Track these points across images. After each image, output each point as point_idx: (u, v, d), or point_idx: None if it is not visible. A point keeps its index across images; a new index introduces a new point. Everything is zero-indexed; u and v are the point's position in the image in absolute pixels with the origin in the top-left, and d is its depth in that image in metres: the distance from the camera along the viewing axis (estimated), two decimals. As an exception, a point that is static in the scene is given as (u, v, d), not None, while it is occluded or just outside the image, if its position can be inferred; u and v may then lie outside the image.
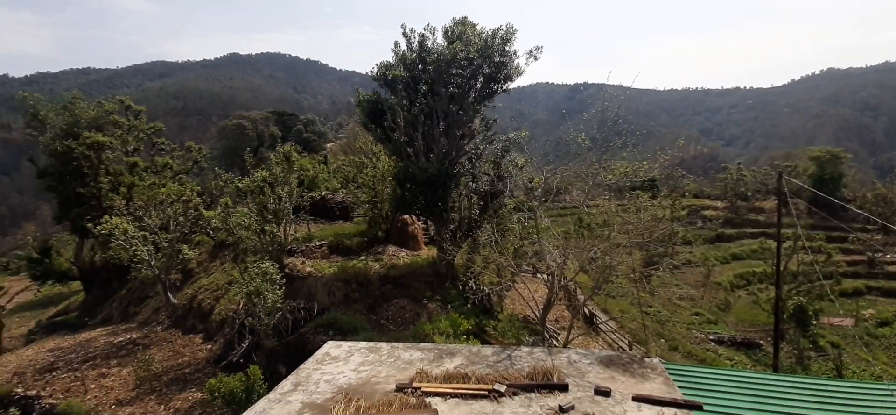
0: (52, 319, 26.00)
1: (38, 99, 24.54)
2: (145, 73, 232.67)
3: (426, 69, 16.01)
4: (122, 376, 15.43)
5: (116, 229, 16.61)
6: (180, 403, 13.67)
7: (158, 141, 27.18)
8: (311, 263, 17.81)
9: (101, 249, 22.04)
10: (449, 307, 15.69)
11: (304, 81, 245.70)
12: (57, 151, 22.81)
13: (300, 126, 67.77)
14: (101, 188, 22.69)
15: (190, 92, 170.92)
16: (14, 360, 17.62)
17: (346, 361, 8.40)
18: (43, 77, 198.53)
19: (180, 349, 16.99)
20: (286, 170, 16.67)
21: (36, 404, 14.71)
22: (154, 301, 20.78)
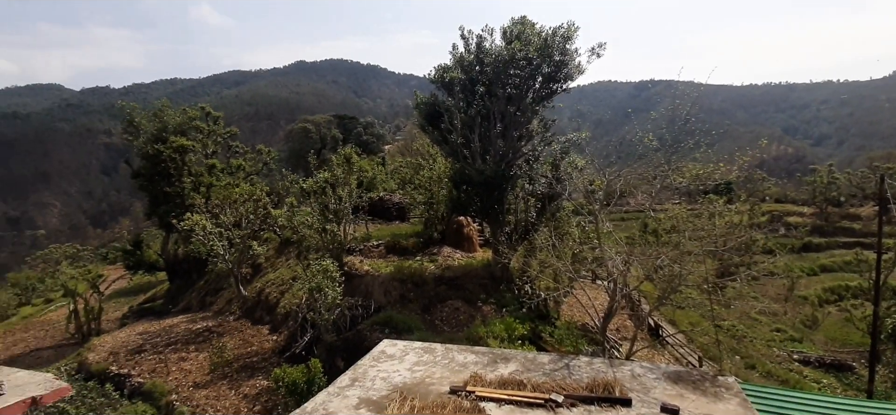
0: (142, 305, 28.78)
1: (133, 107, 27.44)
2: (223, 81, 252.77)
3: (483, 70, 15.91)
4: (199, 360, 16.72)
5: (196, 226, 18.05)
6: (248, 389, 14.57)
7: (233, 144, 29.36)
8: (368, 262, 18.30)
9: (184, 243, 24.09)
10: (504, 311, 15.44)
11: (365, 86, 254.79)
12: (148, 153, 25.34)
13: (360, 129, 70.25)
14: (184, 188, 24.90)
15: (261, 98, 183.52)
16: (110, 341, 19.69)
17: (401, 360, 8.48)
18: (138, 87, 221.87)
19: (249, 339, 18.13)
20: (346, 171, 17.27)
21: (127, 382, 16.33)
22: (227, 293, 22.35)
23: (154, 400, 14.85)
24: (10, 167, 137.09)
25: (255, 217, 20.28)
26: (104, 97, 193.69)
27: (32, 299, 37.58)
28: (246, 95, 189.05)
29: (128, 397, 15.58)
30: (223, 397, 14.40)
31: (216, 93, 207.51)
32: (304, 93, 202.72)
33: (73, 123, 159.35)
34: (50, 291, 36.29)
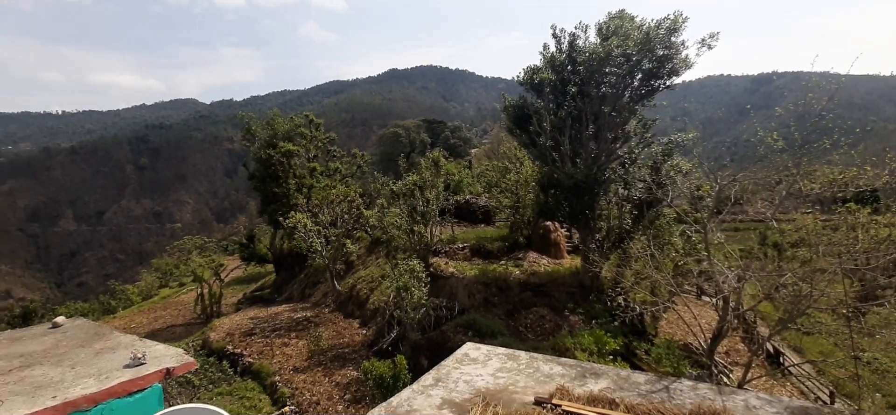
0: (253, 293, 32.12)
1: (250, 117, 30.96)
2: (324, 91, 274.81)
3: (576, 70, 15.21)
4: (299, 347, 18.16)
5: (299, 223, 19.69)
6: (340, 378, 15.48)
7: (332, 149, 31.72)
8: (453, 264, 18.47)
9: (288, 239, 26.46)
10: (593, 323, 14.58)
11: (453, 90, 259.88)
12: (261, 158, 28.35)
13: (447, 132, 71.70)
14: (289, 189, 27.43)
15: (357, 105, 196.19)
16: (227, 323, 22.23)
17: (485, 364, 8.33)
18: (255, 99, 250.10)
19: (342, 331, 19.29)
20: (434, 174, 17.63)
21: (239, 361, 18.30)
22: (323, 286, 24.04)
23: (260, 379, 16.42)
24: (156, 170, 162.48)
25: (349, 217, 21.57)
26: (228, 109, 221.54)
27: (170, 282, 43.96)
28: (343, 103, 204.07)
29: (240, 374, 17.49)
30: (318, 382, 15.44)
31: (318, 101, 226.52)
32: (395, 99, 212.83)
33: (204, 132, 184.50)
34: (183, 276, 42.16)
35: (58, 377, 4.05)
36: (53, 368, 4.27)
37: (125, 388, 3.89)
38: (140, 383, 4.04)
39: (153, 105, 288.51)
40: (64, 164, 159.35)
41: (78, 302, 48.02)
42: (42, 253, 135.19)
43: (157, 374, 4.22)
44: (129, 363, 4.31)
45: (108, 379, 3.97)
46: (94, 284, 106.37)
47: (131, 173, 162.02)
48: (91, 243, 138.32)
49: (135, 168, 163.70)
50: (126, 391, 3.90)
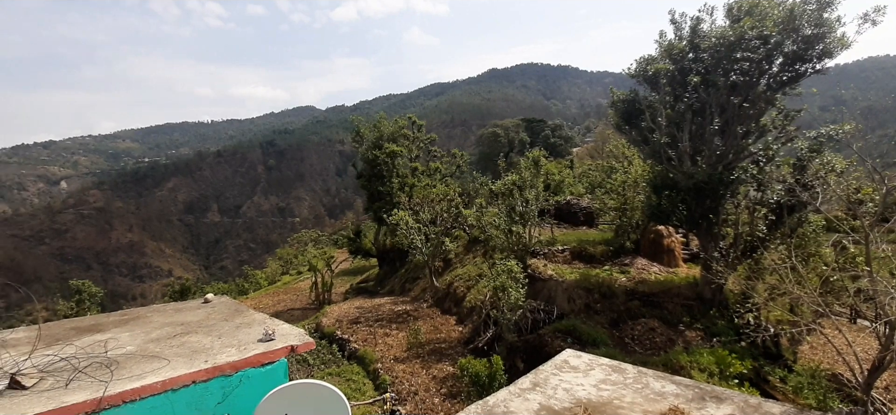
0: (358, 284, 34.49)
1: (360, 120, 33.40)
2: (426, 93, 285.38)
3: (699, 57, 13.66)
4: (399, 338, 19.03)
5: (401, 221, 20.63)
6: (437, 372, 15.87)
7: (433, 149, 32.84)
8: (552, 267, 17.86)
9: (391, 235, 27.93)
10: (714, 341, 13.01)
11: (555, 87, 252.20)
12: (368, 158, 30.37)
13: (548, 131, 69.70)
14: (393, 187, 28.98)
15: (456, 106, 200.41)
16: (337, 310, 24.15)
17: (586, 374, 7.86)
18: (363, 104, 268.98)
19: (439, 326, 19.78)
20: (534, 174, 17.21)
21: (346, 346, 19.79)
22: (422, 282, 24.88)
23: (365, 365, 17.52)
24: (281, 170, 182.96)
25: (448, 215, 22.03)
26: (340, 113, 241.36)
27: (290, 270, 49.21)
28: (444, 104, 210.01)
29: (347, 357, 18.89)
30: (416, 374, 16.00)
31: (420, 104, 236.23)
32: (494, 99, 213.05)
33: (320, 135, 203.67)
34: (300, 265, 46.86)
35: (209, 344, 4.62)
36: (205, 336, 4.89)
37: (259, 359, 4.32)
38: (270, 356, 4.45)
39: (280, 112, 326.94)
40: (212, 165, 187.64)
41: (219, 283, 56.23)
42: (194, 240, 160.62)
43: (283, 349, 4.62)
44: (261, 338, 4.78)
45: (245, 350, 4.44)
46: (231, 268, 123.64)
47: (261, 173, 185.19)
48: (230, 233, 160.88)
49: (264, 168, 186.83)
50: (259, 362, 4.32)
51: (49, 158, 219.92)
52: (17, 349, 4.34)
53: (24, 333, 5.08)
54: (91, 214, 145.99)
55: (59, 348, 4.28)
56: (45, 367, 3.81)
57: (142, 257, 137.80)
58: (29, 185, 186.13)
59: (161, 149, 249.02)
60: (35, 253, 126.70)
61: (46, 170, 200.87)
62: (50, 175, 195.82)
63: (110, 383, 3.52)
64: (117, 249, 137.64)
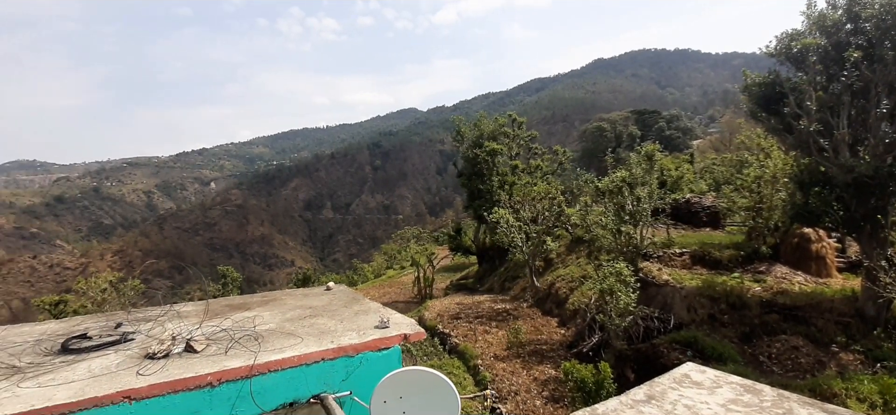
0: (458, 281, 35.15)
1: (461, 120, 34.01)
2: (526, 90, 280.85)
3: (859, 28, 11.41)
4: (499, 336, 18.99)
5: (501, 219, 20.55)
6: (538, 373, 15.52)
7: (533, 146, 32.14)
8: (668, 271, 16.33)
9: (491, 233, 27.99)
10: (878, 366, 10.81)
11: (670, 74, 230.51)
12: (468, 157, 30.78)
13: (662, 123, 63.92)
14: (492, 185, 28.99)
15: (558, 101, 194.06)
16: (438, 305, 24.91)
17: (712, 391, 7.00)
18: (463, 103, 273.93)
19: (539, 327, 19.32)
20: (646, 169, 15.88)
21: (447, 340, 20.32)
22: (522, 281, 24.53)
23: (465, 360, 17.80)
24: (386, 170, 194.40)
25: (550, 214, 21.40)
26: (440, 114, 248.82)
27: (394, 265, 52.02)
28: (544, 100, 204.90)
29: (448, 351, 19.40)
30: (516, 373, 15.82)
31: (520, 100, 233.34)
32: (599, 91, 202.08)
33: (421, 136, 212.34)
34: (403, 260, 49.24)
35: (333, 327, 5.02)
36: (329, 320, 5.32)
37: (376, 344, 4.58)
38: (386, 342, 4.69)
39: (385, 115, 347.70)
40: (326, 166, 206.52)
41: (332, 274, 61.60)
42: (312, 234, 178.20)
43: (397, 337, 4.84)
44: (378, 325, 5.06)
45: (365, 335, 4.73)
46: (342, 261, 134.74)
47: (368, 173, 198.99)
48: (342, 229, 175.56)
49: (371, 168, 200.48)
50: (377, 347, 4.58)
51: (202, 162, 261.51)
52: (188, 320, 5.17)
53: (193, 307, 6.05)
54: (233, 210, 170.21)
55: (219, 321, 5.02)
56: (210, 336, 4.49)
57: (271, 248, 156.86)
58: (188, 185, 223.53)
59: (286, 153, 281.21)
60: (192, 242, 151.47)
61: (200, 173, 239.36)
62: (203, 177, 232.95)
63: (259, 353, 4.01)
64: (252, 240, 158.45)
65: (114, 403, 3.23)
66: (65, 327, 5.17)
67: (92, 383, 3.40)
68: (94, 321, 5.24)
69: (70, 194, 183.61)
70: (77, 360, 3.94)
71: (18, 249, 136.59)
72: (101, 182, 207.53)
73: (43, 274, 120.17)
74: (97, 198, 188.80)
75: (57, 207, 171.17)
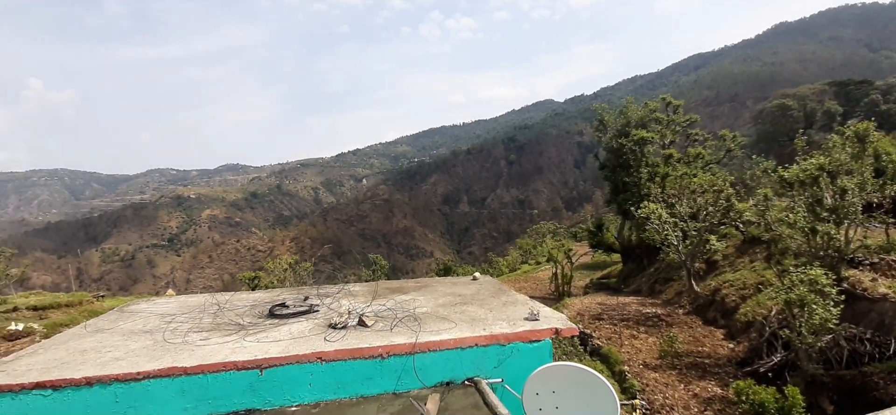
0: (599, 280, 33.14)
1: (604, 108, 31.71)
2: (681, 68, 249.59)
3: None
4: (648, 343, 17.30)
5: (652, 214, 18.63)
6: (699, 390, 13.68)
7: (692, 132, 28.25)
8: (887, 283, 12.81)
9: (638, 230, 25.65)
10: None
11: (886, 34, 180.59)
12: (612, 147, 28.60)
13: (875, 95, 50.18)
14: (641, 178, 26.44)
15: (723, 79, 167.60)
16: (578, 303, 23.82)
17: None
18: (604, 91, 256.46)
19: (700, 338, 17.02)
20: (856, 154, 12.62)
21: (588, 341, 19.28)
22: (676, 284, 21.94)
23: (609, 364, 16.66)
24: (521, 164, 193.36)
25: (715, 209, 18.64)
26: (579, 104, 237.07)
27: (529, 260, 51.50)
28: (705, 79, 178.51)
29: (589, 353, 18.40)
30: (671, 386, 14.21)
31: (674, 82, 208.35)
32: (781, 62, 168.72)
33: (558, 128, 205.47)
34: (539, 255, 48.46)
35: (482, 316, 5.12)
36: (479, 309, 5.45)
37: (527, 335, 4.54)
38: (537, 334, 4.62)
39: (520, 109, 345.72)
40: (463, 162, 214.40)
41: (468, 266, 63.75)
42: (449, 227, 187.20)
43: (548, 330, 4.73)
44: (527, 317, 5.01)
45: (515, 326, 4.73)
46: (478, 254, 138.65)
47: (503, 168, 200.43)
48: (477, 222, 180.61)
49: (506, 163, 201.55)
50: (528, 338, 4.54)
51: (356, 161, 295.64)
52: (358, 298, 5.84)
53: (360, 287, 6.82)
54: (380, 204, 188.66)
55: (383, 302, 5.54)
56: (377, 313, 4.98)
57: (412, 239, 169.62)
58: (344, 182, 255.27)
59: (426, 150, 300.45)
60: (348, 232, 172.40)
61: (355, 171, 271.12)
62: (356, 175, 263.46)
63: (419, 333, 4.29)
64: (396, 232, 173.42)
65: (310, 361, 3.79)
66: (269, 296, 6.30)
67: (293, 344, 4.05)
68: (289, 294, 6.27)
69: (261, 191, 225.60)
70: (280, 324, 4.75)
71: (227, 235, 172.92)
72: (282, 181, 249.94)
73: (243, 254, 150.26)
74: (279, 194, 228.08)
75: (252, 202, 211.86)
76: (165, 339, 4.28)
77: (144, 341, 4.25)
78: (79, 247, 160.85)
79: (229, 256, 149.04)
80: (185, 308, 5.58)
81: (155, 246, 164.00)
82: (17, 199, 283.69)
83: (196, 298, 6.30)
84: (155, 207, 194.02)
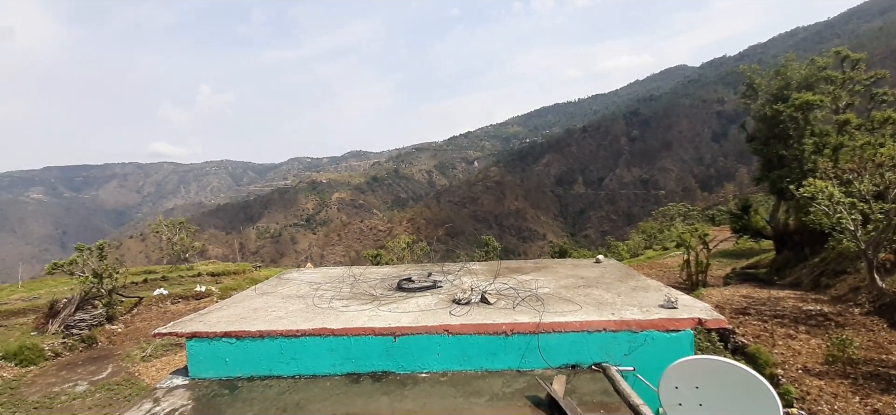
0: (744, 269, 28.93)
1: (754, 70, 26.94)
2: (860, 14, 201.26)
3: None
4: (811, 345, 14.71)
5: (820, 194, 15.57)
6: (881, 405, 11.24)
7: (877, 92, 22.46)
8: None
9: (798, 212, 21.69)
10: None
11: None
12: (765, 115, 24.29)
13: None
14: (803, 150, 22.04)
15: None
16: (716, 295, 21.18)
17: None
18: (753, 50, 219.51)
19: (884, 344, 13.94)
20: None
21: (730, 337, 17.04)
22: (851, 279, 18.21)
23: (757, 365, 14.54)
24: (645, 140, 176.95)
25: (911, 187, 14.85)
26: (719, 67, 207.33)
27: (653, 245, 47.26)
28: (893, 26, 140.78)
29: (730, 350, 16.28)
30: (842, 398, 11.95)
31: (849, 31, 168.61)
32: None
33: (692, 97, 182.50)
34: (666, 240, 44.20)
35: (610, 300, 4.84)
36: (604, 292, 5.16)
37: (664, 324, 4.19)
38: (676, 324, 4.25)
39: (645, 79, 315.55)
40: (578, 140, 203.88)
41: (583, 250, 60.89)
42: (563, 209, 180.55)
43: (689, 320, 4.31)
44: (663, 304, 4.60)
45: (649, 312, 4.38)
46: (594, 238, 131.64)
47: (624, 145, 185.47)
48: (593, 204, 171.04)
49: (627, 140, 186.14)
50: (664, 327, 4.19)
51: (467, 144, 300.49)
52: (477, 276, 5.95)
53: (479, 266, 6.95)
54: (492, 186, 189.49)
55: (503, 281, 5.56)
56: (499, 291, 5.01)
57: (524, 222, 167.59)
58: (456, 165, 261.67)
59: (538, 130, 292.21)
60: (461, 214, 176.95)
61: (466, 153, 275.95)
62: (468, 157, 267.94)
63: (543, 313, 4.21)
64: (508, 213, 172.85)
65: (437, 333, 3.98)
66: (395, 271, 6.77)
67: (421, 315, 4.28)
68: (413, 270, 6.67)
69: (380, 175, 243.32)
70: (407, 296, 5.06)
71: (353, 216, 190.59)
72: (399, 165, 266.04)
73: (366, 233, 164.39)
74: (396, 177, 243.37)
75: (373, 185, 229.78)
76: (314, 303, 4.87)
77: (299, 304, 4.90)
78: (240, 225, 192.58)
79: (354, 235, 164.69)
80: (328, 278, 6.28)
81: (295, 225, 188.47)
82: (196, 186, 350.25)
83: (336, 270, 7.06)
84: (295, 191, 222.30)
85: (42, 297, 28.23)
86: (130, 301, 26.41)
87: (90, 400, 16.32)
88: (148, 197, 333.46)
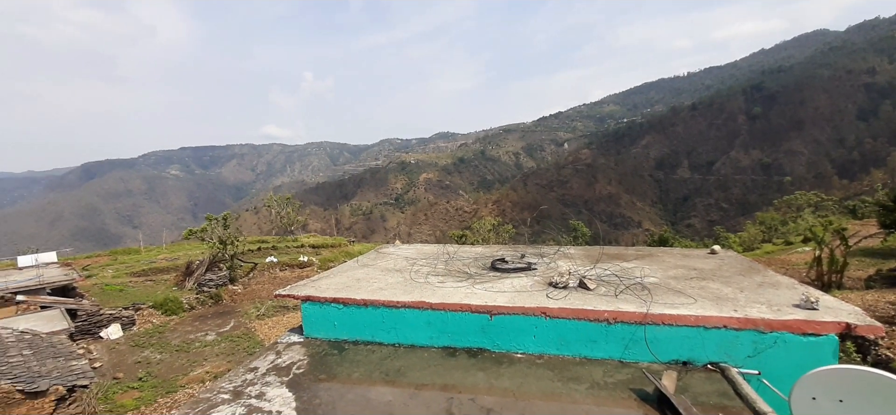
0: (893, 271, 24.40)
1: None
2: None
3: None
4: None
5: None
6: None
7: None
8: None
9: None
10: None
11: None
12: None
13: None
14: None
15: None
16: (855, 299, 18.09)
17: None
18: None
19: None
20: None
21: (871, 349, 14.53)
22: None
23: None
24: (769, 118, 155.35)
25: None
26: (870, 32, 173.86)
27: (774, 238, 41.68)
28: None
29: (871, 364, 13.90)
30: None
31: None
32: None
33: (833, 67, 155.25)
34: (790, 234, 38.70)
35: (730, 295, 4.36)
36: (723, 286, 4.65)
37: (801, 326, 3.68)
38: (815, 327, 3.70)
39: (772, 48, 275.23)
40: (685, 119, 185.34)
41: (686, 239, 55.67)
42: (663, 195, 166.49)
43: (834, 324, 3.73)
44: (799, 304, 4.04)
45: (780, 312, 3.87)
46: (699, 227, 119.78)
47: (742, 124, 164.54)
48: (700, 191, 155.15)
49: (746, 118, 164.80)
50: (801, 330, 3.68)
51: (557, 125, 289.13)
52: (573, 261, 5.70)
53: (575, 251, 6.66)
54: (582, 169, 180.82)
55: (603, 267, 5.26)
56: (598, 278, 4.75)
57: (617, 208, 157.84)
58: (545, 146, 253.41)
59: (638, 108, 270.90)
60: (548, 197, 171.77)
61: (556, 135, 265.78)
62: (557, 139, 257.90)
63: (650, 303, 3.91)
64: (599, 199, 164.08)
65: (534, 314, 3.89)
66: (488, 251, 6.76)
67: (517, 296, 4.22)
68: (506, 251, 6.60)
69: (467, 156, 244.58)
70: (501, 277, 5.02)
71: (439, 196, 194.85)
72: (485, 146, 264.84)
73: (452, 214, 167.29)
74: (483, 159, 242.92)
75: (459, 166, 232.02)
76: (411, 278, 5.05)
77: (397, 277, 5.12)
78: (336, 203, 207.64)
79: (441, 216, 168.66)
80: (423, 255, 6.47)
81: (385, 203, 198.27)
82: (299, 165, 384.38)
83: (430, 246, 7.26)
84: (385, 171, 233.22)
85: (180, 258, 33.36)
86: (248, 266, 30.05)
87: (217, 348, 19.09)
88: (260, 175, 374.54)
